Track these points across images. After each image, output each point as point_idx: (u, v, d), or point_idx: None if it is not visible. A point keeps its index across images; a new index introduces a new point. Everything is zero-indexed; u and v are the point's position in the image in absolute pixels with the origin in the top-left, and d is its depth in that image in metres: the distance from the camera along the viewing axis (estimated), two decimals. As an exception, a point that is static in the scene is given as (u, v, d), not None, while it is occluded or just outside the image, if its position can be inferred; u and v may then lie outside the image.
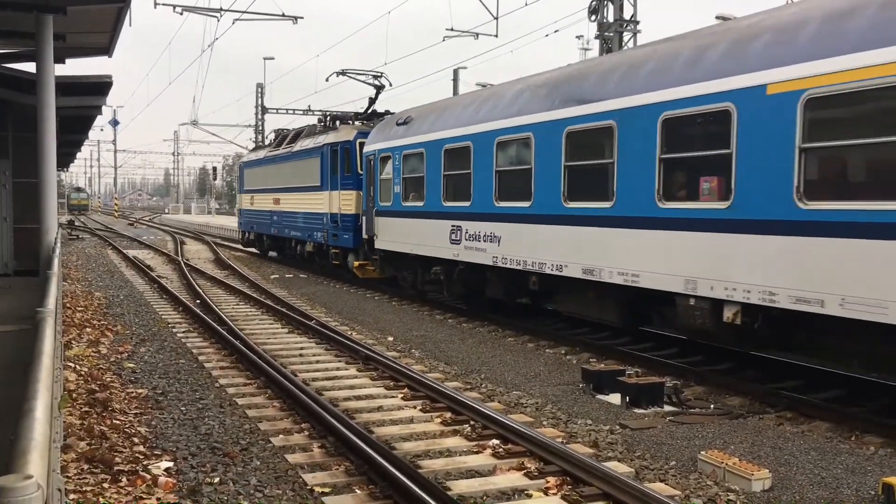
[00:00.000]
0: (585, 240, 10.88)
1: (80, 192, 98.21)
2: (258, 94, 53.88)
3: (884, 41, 7.02)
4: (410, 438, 7.44)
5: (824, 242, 7.51)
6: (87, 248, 32.90)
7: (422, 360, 11.38)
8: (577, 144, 11.02)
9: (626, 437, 7.60)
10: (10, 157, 18.73)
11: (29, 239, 17.43)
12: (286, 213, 25.01)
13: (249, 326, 13.73)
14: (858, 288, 7.17)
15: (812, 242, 7.62)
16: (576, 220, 11.08)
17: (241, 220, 32.25)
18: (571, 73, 12.08)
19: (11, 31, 14.69)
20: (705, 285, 8.90)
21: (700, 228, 8.99)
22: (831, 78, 7.42)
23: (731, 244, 8.55)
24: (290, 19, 27.11)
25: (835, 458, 6.99)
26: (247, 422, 7.86)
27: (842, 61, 7.34)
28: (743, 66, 8.42)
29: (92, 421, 7.40)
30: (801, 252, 7.74)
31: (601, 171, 10.53)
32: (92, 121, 24.73)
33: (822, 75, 7.51)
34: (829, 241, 7.47)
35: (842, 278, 7.32)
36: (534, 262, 12.16)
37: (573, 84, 11.53)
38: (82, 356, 10.43)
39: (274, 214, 26.45)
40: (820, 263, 7.55)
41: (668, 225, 9.44)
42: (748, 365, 10.37)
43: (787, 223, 7.89)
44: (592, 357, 11.45)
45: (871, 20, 7.27)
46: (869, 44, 7.14)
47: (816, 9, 8.05)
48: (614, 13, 21.91)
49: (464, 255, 14.19)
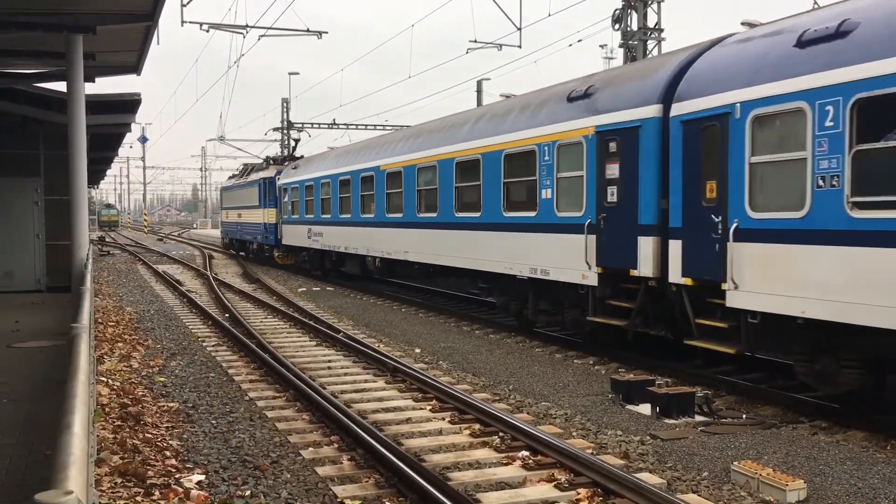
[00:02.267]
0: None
1: (111, 209, 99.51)
2: (283, 108, 54.33)
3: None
4: (439, 450, 7.43)
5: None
6: (117, 263, 33.32)
7: (449, 371, 11.37)
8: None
9: (657, 448, 7.53)
10: (42, 175, 19.08)
11: (61, 255, 17.71)
12: (244, 223, 35.99)
13: (278, 339, 13.81)
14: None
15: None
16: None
17: (222, 229, 44.18)
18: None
19: (42, 52, 14.96)
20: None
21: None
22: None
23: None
24: (314, 34, 27.29)
25: (871, 467, 6.88)
26: (276, 434, 7.89)
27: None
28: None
29: (125, 435, 7.47)
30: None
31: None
32: (121, 138, 25.11)
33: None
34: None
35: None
36: (347, 247, 22.46)
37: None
38: (114, 371, 10.56)
39: (238, 224, 37.44)
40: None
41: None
42: (779, 374, 10.24)
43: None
44: (621, 367, 11.37)
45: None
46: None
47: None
48: (638, 21, 21.86)
49: (313, 244, 25.67)
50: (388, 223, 19.20)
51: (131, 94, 17.81)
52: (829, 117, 7.63)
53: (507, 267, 13.56)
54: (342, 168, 23.05)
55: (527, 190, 13.11)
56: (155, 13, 12.66)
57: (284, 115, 54.28)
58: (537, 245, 12.73)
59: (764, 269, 8.40)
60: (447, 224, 15.94)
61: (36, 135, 19.02)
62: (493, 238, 14.05)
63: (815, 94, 7.77)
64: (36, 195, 19.08)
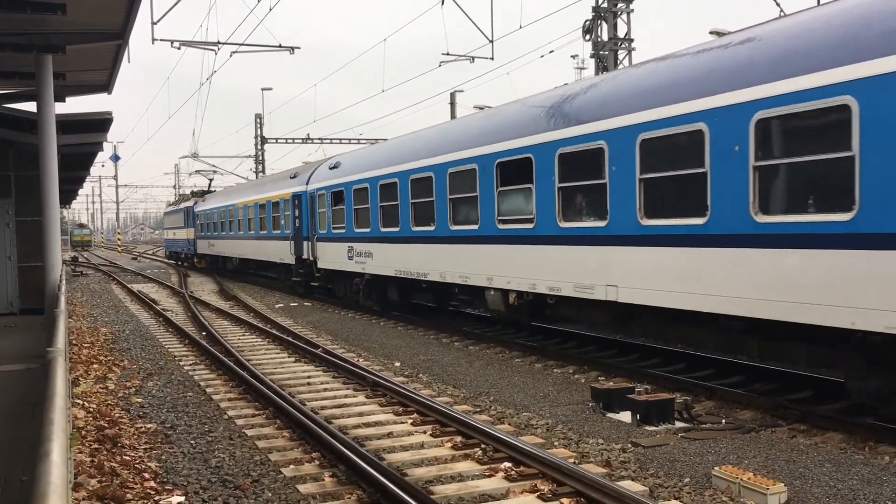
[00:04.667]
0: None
1: (83, 229, 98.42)
2: (257, 124, 54.15)
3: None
4: (422, 464, 7.41)
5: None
6: (91, 283, 32.93)
7: (430, 384, 11.35)
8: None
9: (639, 455, 7.56)
10: (12, 196, 18.84)
11: (33, 277, 17.50)
12: (177, 239, 48.73)
13: (256, 356, 13.71)
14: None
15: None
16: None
17: (165, 244, 57.44)
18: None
19: (12, 72, 14.82)
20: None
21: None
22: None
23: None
24: (286, 50, 27.28)
25: (850, 469, 6.95)
26: (257, 453, 7.83)
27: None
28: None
29: (102, 458, 7.37)
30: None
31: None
32: (93, 157, 24.89)
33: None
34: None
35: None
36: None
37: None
38: (90, 393, 10.42)
39: (174, 240, 50.44)
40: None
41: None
42: (757, 378, 10.34)
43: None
44: (601, 375, 11.42)
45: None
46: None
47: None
48: (608, 32, 22.08)
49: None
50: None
51: (102, 113, 17.65)
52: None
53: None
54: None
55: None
56: (125, 32, 12.61)
57: (258, 130, 54.06)
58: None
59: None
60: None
61: (6, 156, 18.78)
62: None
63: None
64: (7, 217, 18.83)
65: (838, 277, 7.47)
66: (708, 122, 8.75)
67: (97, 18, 12.04)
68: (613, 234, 10.39)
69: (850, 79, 7.25)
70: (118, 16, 11.89)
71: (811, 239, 7.72)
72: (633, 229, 10.00)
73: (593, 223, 10.79)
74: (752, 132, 8.23)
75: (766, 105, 8.06)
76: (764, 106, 8.08)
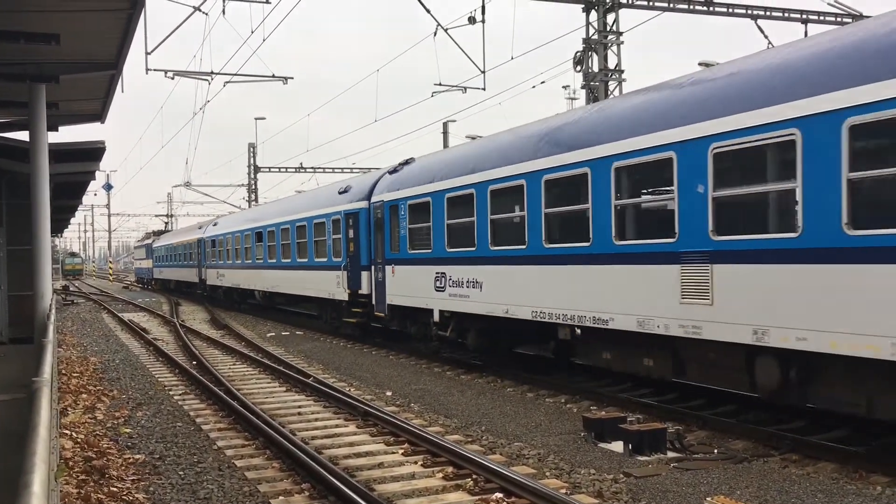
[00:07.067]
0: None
1: (75, 258, 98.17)
2: (250, 153, 54.35)
3: None
4: (412, 495, 7.35)
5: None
6: (81, 312, 32.75)
7: (421, 413, 11.29)
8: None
9: (631, 486, 7.51)
10: (3, 225, 18.77)
11: (23, 306, 17.36)
12: (143, 268, 64.55)
13: (247, 386, 13.62)
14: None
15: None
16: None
17: (135, 273, 74.19)
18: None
19: (5, 101, 14.85)
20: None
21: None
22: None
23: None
24: (280, 80, 27.41)
25: (842, 499, 6.92)
26: (246, 484, 7.75)
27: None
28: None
29: (89, 489, 7.29)
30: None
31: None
32: (86, 186, 24.86)
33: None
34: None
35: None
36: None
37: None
38: (78, 423, 10.32)
39: (141, 269, 67.01)
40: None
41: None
42: (750, 407, 10.31)
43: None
44: (593, 405, 11.37)
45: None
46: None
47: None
48: (599, 63, 22.29)
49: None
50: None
51: (95, 142, 17.65)
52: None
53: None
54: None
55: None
56: (119, 62, 12.66)
57: (251, 159, 54.23)
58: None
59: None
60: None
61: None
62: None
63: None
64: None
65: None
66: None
67: (91, 49, 12.10)
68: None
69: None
70: (112, 46, 11.94)
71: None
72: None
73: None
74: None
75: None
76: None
